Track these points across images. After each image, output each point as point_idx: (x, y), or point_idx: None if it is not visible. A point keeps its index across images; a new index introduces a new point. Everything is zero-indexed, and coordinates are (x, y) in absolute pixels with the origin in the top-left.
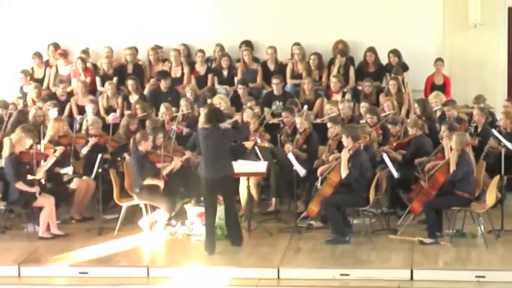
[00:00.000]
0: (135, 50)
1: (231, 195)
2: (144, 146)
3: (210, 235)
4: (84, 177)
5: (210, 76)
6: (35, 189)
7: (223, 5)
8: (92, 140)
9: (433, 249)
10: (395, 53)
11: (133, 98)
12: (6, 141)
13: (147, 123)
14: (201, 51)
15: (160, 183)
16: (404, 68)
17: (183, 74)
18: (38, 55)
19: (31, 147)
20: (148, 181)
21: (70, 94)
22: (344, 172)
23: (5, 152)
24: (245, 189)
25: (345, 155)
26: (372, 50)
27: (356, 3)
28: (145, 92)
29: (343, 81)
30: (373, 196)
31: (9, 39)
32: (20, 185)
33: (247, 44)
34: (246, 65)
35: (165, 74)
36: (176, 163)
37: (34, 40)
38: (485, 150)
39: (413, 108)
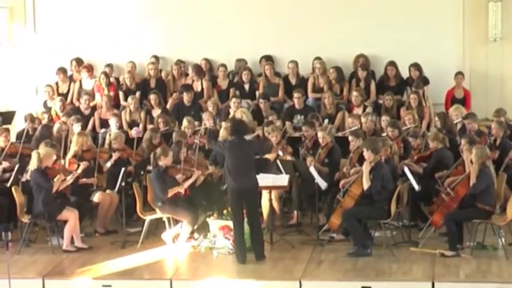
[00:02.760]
0: (157, 61)
1: (256, 207)
2: (164, 162)
3: (240, 244)
4: (108, 191)
5: (231, 90)
6: (62, 177)
7: (245, 19)
8: (115, 155)
9: (454, 262)
10: (416, 66)
11: (156, 112)
12: (34, 155)
13: (174, 135)
14: (223, 65)
15: (181, 189)
16: (425, 81)
17: (203, 88)
18: (63, 70)
19: (55, 162)
20: (172, 191)
21: (94, 108)
22: (366, 184)
23: (33, 166)
24: (267, 202)
25: (366, 167)
26: (392, 64)
27: (377, 18)
28: (168, 106)
29: (365, 95)
30: (395, 209)
31: (33, 54)
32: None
33: (268, 59)
34: (267, 79)
35: (188, 87)
36: (197, 176)
37: (58, 55)
38: (505, 162)
39: (434, 122)
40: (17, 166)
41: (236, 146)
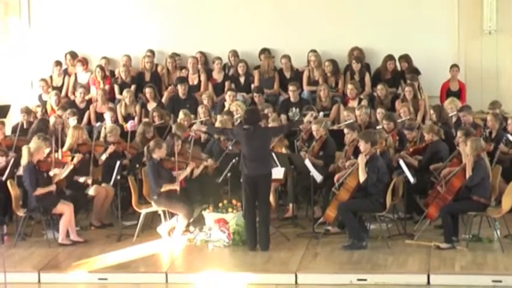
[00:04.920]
0: (152, 55)
1: (266, 195)
2: (158, 154)
3: (251, 230)
4: (103, 184)
5: (227, 83)
6: (52, 188)
7: (240, 12)
8: (111, 148)
9: (450, 254)
10: (405, 58)
11: (151, 105)
12: (24, 150)
13: (174, 127)
14: (219, 58)
15: (176, 187)
16: (416, 72)
17: (200, 81)
18: (59, 63)
19: (48, 155)
20: (165, 187)
21: (89, 102)
22: (362, 176)
23: (24, 161)
24: None
25: (361, 159)
26: (392, 58)
27: (371, 10)
28: (163, 99)
29: (360, 88)
30: (390, 201)
31: (28, 48)
32: (38, 191)
33: (269, 52)
34: (267, 70)
35: (183, 80)
36: (191, 169)
37: (53, 49)
38: (496, 156)
39: (429, 114)
40: (12, 159)
41: (252, 134)
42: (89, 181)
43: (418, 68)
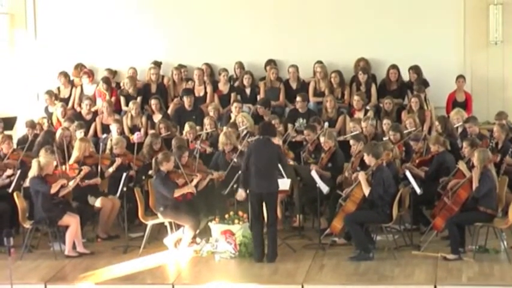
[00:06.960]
0: (158, 67)
1: (274, 209)
2: (166, 167)
3: (258, 243)
4: (110, 196)
5: (233, 95)
6: (63, 181)
7: (245, 24)
8: (118, 161)
9: (457, 265)
10: (415, 69)
11: (157, 117)
12: (34, 163)
13: (173, 141)
14: (225, 70)
15: (190, 189)
16: (425, 84)
17: (206, 93)
18: (64, 74)
19: (55, 168)
20: (179, 192)
21: (95, 113)
22: (366, 191)
23: (32, 173)
24: None
25: (362, 176)
26: (395, 67)
27: (377, 21)
28: (169, 111)
29: (366, 99)
30: (396, 212)
31: (34, 60)
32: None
33: (275, 63)
34: (270, 83)
35: (189, 91)
36: (198, 179)
37: (59, 61)
38: (502, 167)
39: (435, 125)
40: (18, 172)
41: (262, 146)
42: (98, 182)
43: (424, 77)
